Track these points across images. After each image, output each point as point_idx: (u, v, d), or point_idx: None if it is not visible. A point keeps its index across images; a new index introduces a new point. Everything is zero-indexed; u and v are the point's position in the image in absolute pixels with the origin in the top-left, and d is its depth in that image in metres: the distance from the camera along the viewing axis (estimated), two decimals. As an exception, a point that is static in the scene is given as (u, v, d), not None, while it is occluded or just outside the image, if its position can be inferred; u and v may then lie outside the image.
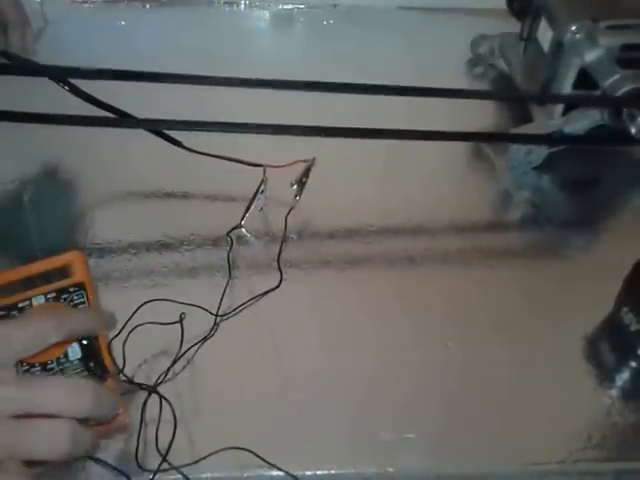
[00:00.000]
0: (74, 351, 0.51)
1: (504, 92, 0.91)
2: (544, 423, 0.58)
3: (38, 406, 0.44)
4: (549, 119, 0.78)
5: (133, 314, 0.57)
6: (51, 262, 0.56)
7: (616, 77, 0.72)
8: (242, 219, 0.69)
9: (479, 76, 0.95)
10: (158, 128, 0.69)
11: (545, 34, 0.79)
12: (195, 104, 0.71)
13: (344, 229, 0.72)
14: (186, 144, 0.70)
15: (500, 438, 0.57)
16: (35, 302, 0.54)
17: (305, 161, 0.70)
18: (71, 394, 0.45)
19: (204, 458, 0.53)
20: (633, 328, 0.61)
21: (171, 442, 0.53)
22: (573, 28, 0.74)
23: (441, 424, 0.57)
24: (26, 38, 0.68)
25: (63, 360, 0.51)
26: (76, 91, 0.67)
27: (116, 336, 0.55)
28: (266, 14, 1.03)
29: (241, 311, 0.64)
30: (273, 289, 0.65)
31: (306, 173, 0.70)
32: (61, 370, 0.51)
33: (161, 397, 0.55)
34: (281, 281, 0.66)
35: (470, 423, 0.58)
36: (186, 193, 0.75)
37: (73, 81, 0.66)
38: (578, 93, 0.76)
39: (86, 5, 1.00)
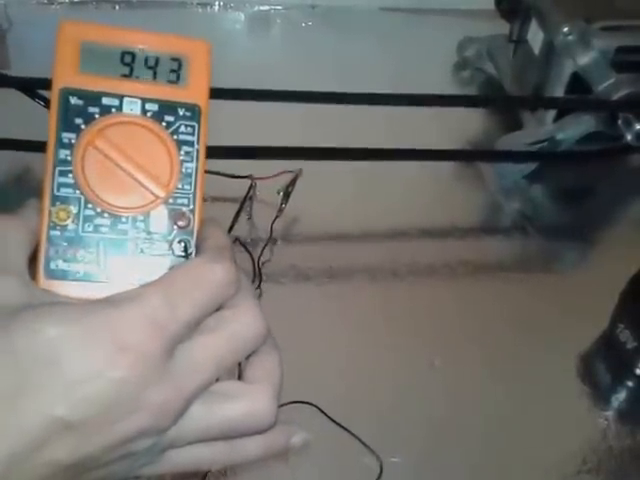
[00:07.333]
0: None
1: (492, 97, 0.91)
2: (537, 446, 0.57)
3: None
4: (540, 126, 0.77)
5: None
6: (167, 42, 0.37)
7: (611, 81, 0.72)
8: (230, 229, 0.69)
9: (466, 81, 0.94)
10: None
11: (536, 36, 0.78)
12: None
13: (326, 241, 0.72)
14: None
15: (490, 461, 0.56)
16: (126, 107, 0.35)
17: (291, 172, 0.70)
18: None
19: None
20: (630, 346, 0.60)
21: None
22: (565, 29, 0.74)
23: (427, 447, 0.56)
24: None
25: None
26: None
27: None
28: (241, 16, 1.02)
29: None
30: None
31: (292, 183, 0.70)
32: None
33: None
34: (260, 282, 0.65)
35: (458, 446, 0.56)
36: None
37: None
38: (571, 97, 0.76)
39: (52, 7, 0.98)
